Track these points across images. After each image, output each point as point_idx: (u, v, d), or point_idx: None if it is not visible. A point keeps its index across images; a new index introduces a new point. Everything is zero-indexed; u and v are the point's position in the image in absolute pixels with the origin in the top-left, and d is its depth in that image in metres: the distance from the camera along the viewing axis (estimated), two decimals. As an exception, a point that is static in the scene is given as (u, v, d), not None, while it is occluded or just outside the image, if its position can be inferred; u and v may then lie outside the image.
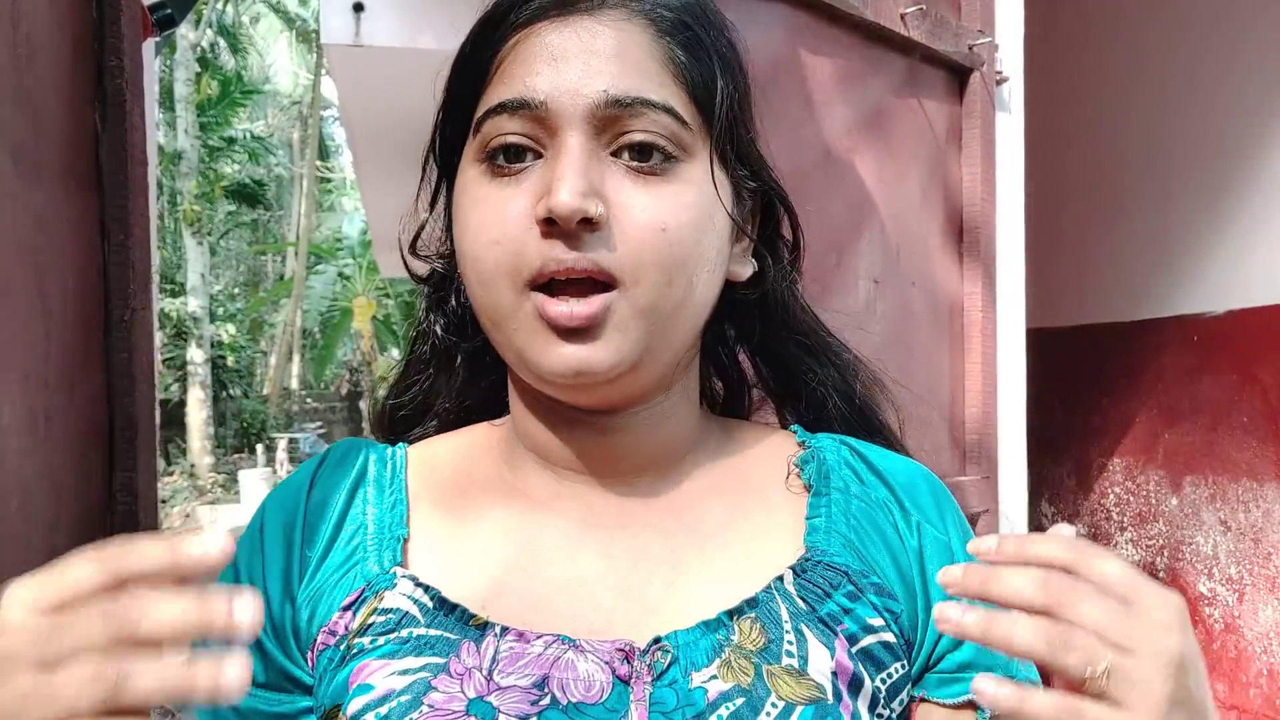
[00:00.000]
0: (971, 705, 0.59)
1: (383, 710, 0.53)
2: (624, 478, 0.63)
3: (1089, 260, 3.25)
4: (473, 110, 0.58)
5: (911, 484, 0.65)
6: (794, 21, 1.47)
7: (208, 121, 15.70)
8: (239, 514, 9.73)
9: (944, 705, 0.60)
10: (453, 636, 0.55)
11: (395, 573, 0.58)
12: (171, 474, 11.89)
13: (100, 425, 0.77)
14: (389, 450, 0.66)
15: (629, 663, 0.54)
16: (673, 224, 0.55)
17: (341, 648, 0.57)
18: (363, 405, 20.50)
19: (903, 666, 0.59)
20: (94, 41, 0.76)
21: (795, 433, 0.69)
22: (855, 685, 0.56)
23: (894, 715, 0.59)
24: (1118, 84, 3.16)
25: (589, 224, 0.53)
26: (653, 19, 0.56)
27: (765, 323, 0.68)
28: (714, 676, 0.54)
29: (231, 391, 16.12)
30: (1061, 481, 3.29)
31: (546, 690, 0.53)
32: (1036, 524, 3.24)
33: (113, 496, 0.77)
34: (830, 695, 0.54)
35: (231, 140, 17.38)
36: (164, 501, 9.36)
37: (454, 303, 0.68)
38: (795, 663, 0.55)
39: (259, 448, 14.61)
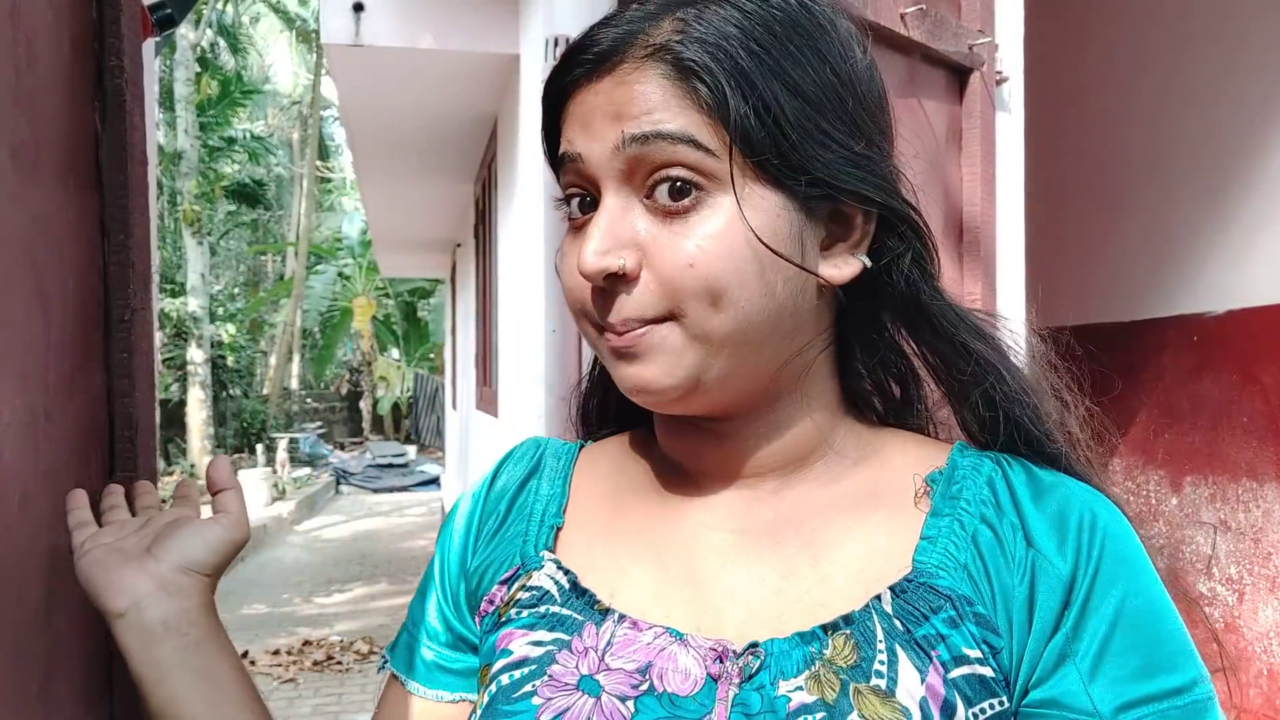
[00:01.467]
0: None
1: (515, 674, 0.60)
2: (744, 481, 0.65)
3: (1089, 260, 3.25)
4: (558, 141, 0.64)
5: (1050, 514, 0.61)
6: (794, 21, 1.47)
7: (208, 121, 15.70)
8: (239, 514, 9.73)
9: None
10: (579, 618, 0.62)
11: (544, 556, 0.66)
12: (171, 474, 11.89)
13: (100, 425, 0.77)
14: (565, 446, 0.74)
15: (721, 662, 0.57)
16: (701, 259, 0.55)
17: (496, 615, 0.65)
18: (363, 405, 20.52)
19: (1001, 704, 0.56)
20: (94, 41, 0.76)
21: (954, 447, 0.66)
22: (948, 711, 0.55)
23: None
24: (1118, 84, 3.16)
25: (620, 277, 0.57)
26: (669, 58, 0.56)
27: (903, 318, 0.66)
28: (799, 687, 0.55)
29: (231, 391, 16.13)
30: (1061, 481, 3.30)
31: (647, 677, 0.58)
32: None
33: (113, 496, 0.77)
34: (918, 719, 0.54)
35: (231, 140, 17.39)
36: (164, 501, 9.34)
37: None
38: (884, 684, 0.55)
39: (259, 448, 14.62)
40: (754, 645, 0.57)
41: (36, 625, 0.66)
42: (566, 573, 0.64)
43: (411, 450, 16.39)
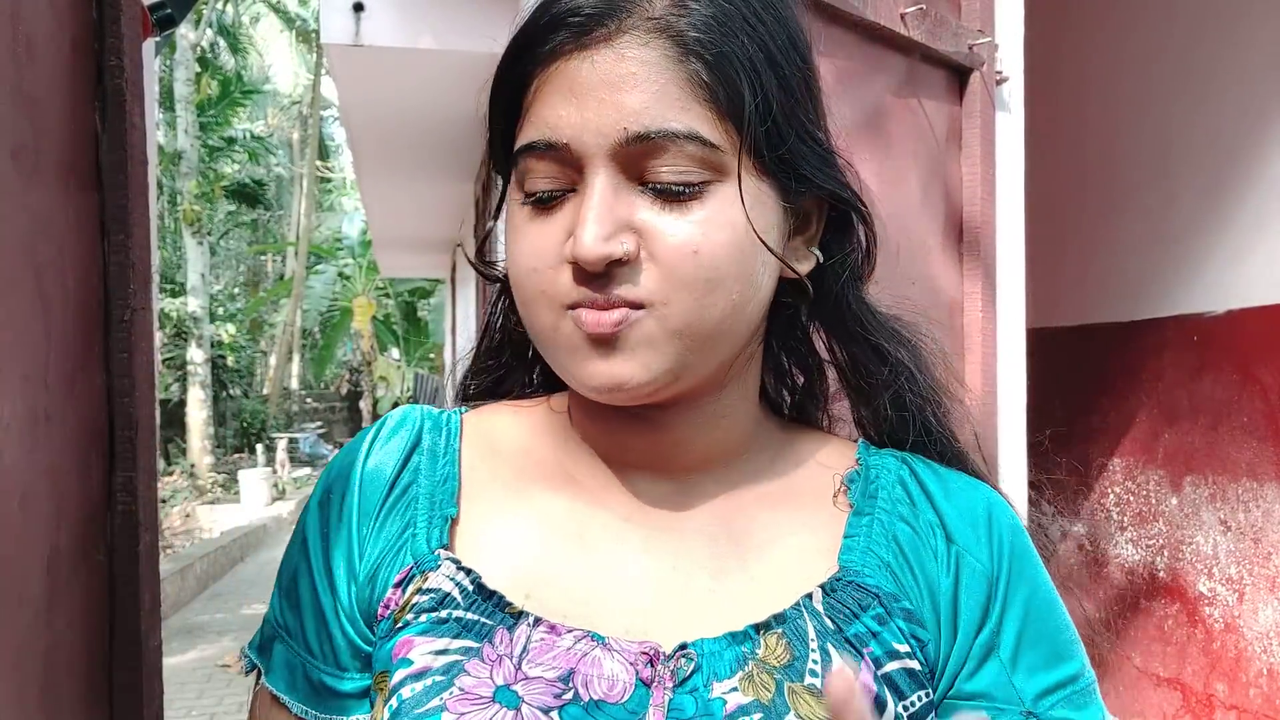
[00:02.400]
0: None
1: (418, 686, 0.55)
2: (674, 474, 0.63)
3: (1089, 260, 3.25)
4: (513, 129, 0.58)
5: (963, 510, 0.63)
6: (794, 21, 1.47)
7: (208, 121, 15.70)
8: (239, 514, 9.73)
9: None
10: (489, 622, 0.56)
11: (440, 555, 0.59)
12: (171, 474, 11.89)
13: (100, 425, 0.77)
14: (444, 415, 0.66)
15: (653, 666, 0.55)
16: (706, 246, 0.54)
17: (392, 620, 0.59)
18: (363, 405, 20.52)
19: (927, 695, 0.58)
20: (94, 41, 0.76)
21: (858, 446, 0.67)
22: (879, 707, 0.56)
23: None
24: (1118, 84, 3.16)
25: (618, 262, 0.54)
26: (673, 37, 0.54)
27: (827, 316, 0.66)
28: (735, 689, 0.54)
29: (231, 391, 16.13)
30: (1061, 481, 3.30)
31: (571, 685, 0.54)
32: (1036, 523, 3.24)
33: (113, 496, 0.77)
34: None
35: (231, 140, 17.39)
36: (164, 501, 9.35)
37: None
38: (818, 683, 0.55)
39: (259, 447, 14.62)
40: (684, 647, 0.55)
41: (36, 625, 0.66)
42: (468, 573, 0.58)
43: (411, 450, 16.34)
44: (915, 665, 0.58)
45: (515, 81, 0.57)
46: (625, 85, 0.53)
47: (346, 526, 0.62)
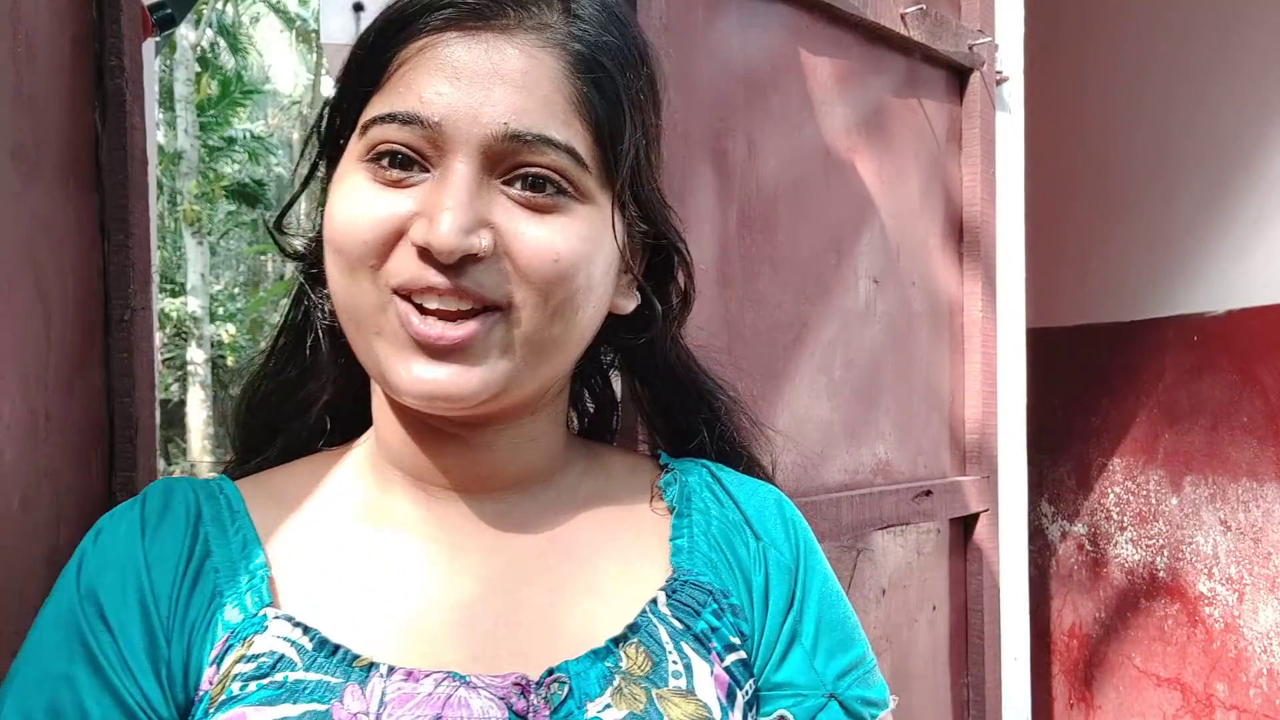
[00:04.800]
0: None
1: None
2: (492, 495, 0.61)
3: (1089, 260, 3.25)
4: (362, 106, 0.55)
5: (762, 507, 0.66)
6: (794, 21, 1.47)
7: (208, 121, 15.69)
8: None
9: None
10: (335, 680, 0.51)
11: (266, 615, 0.54)
12: (171, 474, 11.88)
13: (100, 425, 0.77)
14: (212, 485, 0.61)
15: (525, 697, 0.53)
16: (566, 254, 0.53)
17: (208, 701, 0.52)
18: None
19: (753, 685, 0.61)
20: (94, 41, 0.76)
21: (659, 458, 0.70)
22: (731, 697, 0.58)
23: None
24: (1118, 84, 3.16)
25: (472, 258, 0.51)
26: (568, 52, 0.53)
27: (646, 357, 0.68)
28: (608, 705, 0.54)
29: (232, 391, 16.11)
30: (1061, 481, 3.29)
31: None
32: (1036, 524, 3.24)
33: (113, 496, 0.77)
34: (718, 713, 0.55)
35: (231, 140, 17.37)
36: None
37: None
38: (683, 683, 0.56)
39: (259, 448, 14.60)
40: (552, 671, 0.54)
41: (36, 625, 0.66)
42: (306, 630, 0.53)
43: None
44: (744, 656, 0.60)
45: (391, 46, 0.54)
46: (514, 81, 0.52)
47: (143, 620, 0.53)
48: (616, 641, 0.56)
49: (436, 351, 0.52)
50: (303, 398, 0.67)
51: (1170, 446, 2.96)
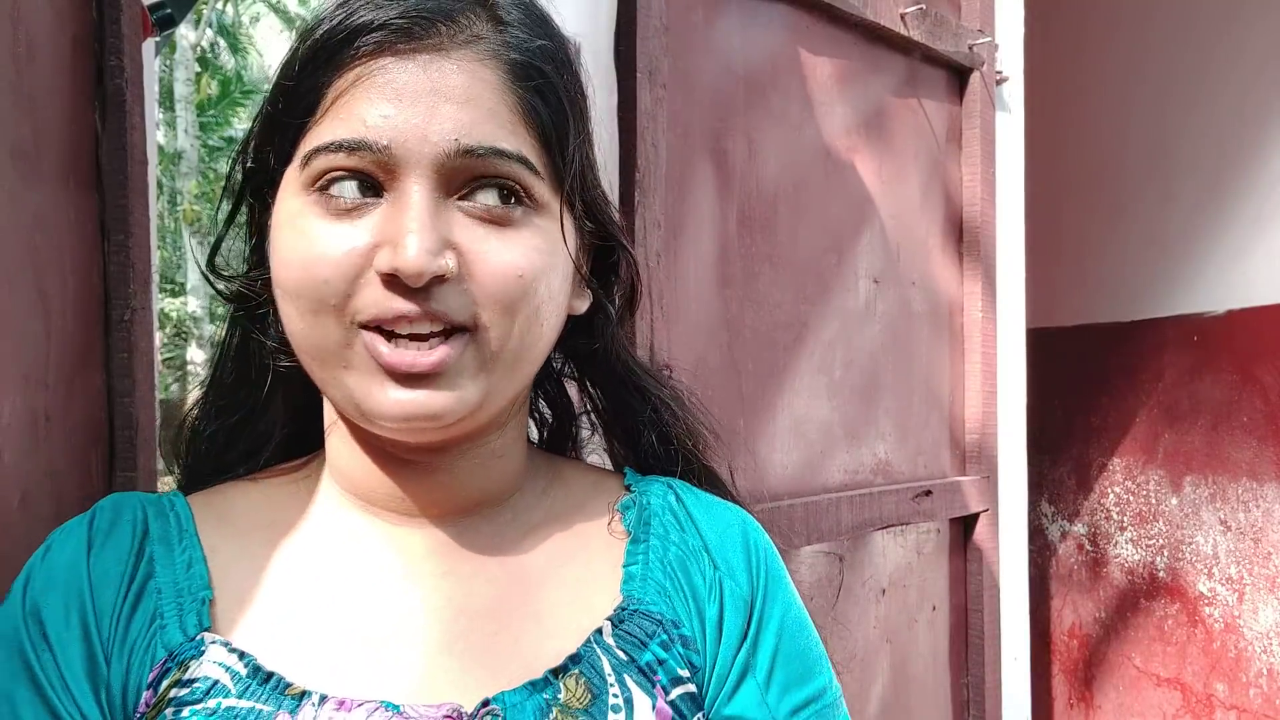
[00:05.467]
0: None
1: None
2: (448, 519, 0.60)
3: (1089, 260, 3.24)
4: (298, 138, 0.54)
5: (724, 534, 0.64)
6: (794, 21, 1.47)
7: (208, 121, 15.70)
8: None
9: None
10: (266, 708, 0.51)
11: (204, 639, 0.53)
12: (172, 474, 11.87)
13: (100, 425, 0.77)
14: (164, 500, 0.60)
15: None
16: (528, 270, 0.53)
17: None
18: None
19: (703, 718, 0.59)
20: (94, 41, 0.76)
21: (625, 475, 0.68)
22: None
23: None
24: (1118, 84, 3.16)
25: (439, 279, 0.51)
26: (506, 62, 0.53)
27: (594, 358, 0.67)
28: None
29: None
30: (1061, 481, 3.30)
31: None
32: (1036, 524, 3.24)
33: (113, 496, 0.77)
34: None
35: (231, 140, 17.37)
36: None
37: (268, 322, 0.62)
38: (621, 717, 0.54)
39: (259, 448, 14.61)
40: (487, 703, 0.53)
41: (36, 625, 0.66)
42: (242, 656, 0.52)
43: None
44: (693, 689, 0.58)
45: (323, 72, 0.53)
46: (458, 97, 0.51)
47: (84, 639, 0.52)
48: (556, 673, 0.55)
49: (409, 379, 0.52)
50: (252, 441, 0.66)
51: (1170, 446, 2.96)
